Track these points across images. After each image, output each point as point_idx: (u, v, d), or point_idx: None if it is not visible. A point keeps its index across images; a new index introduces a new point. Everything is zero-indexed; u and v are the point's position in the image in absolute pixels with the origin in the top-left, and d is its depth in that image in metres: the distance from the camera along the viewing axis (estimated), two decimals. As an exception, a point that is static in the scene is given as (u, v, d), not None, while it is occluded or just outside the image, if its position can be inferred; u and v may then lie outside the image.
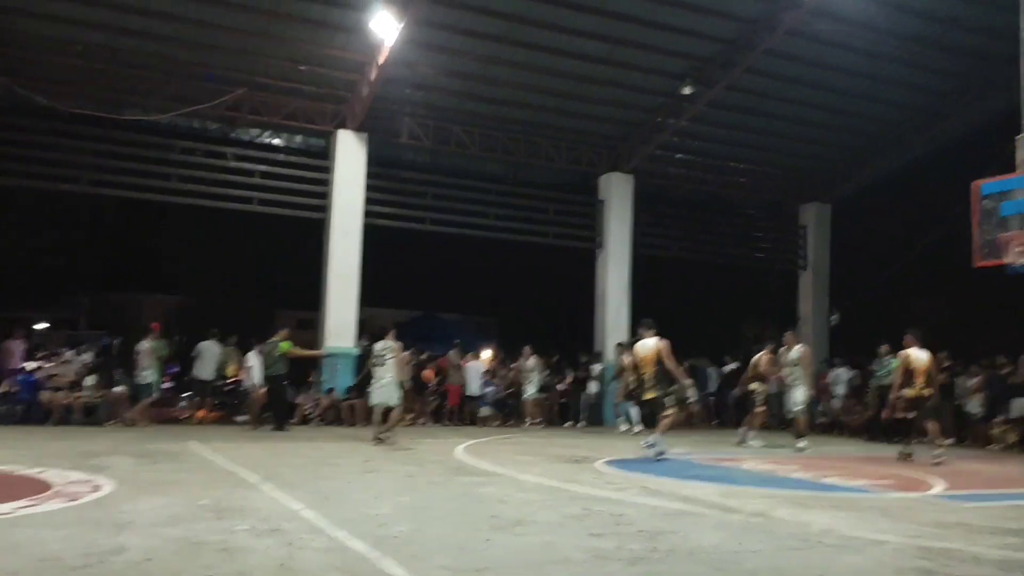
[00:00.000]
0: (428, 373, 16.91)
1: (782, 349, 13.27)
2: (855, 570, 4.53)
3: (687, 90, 16.99)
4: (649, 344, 10.60)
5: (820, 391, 19.33)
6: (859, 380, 17.65)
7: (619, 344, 17.10)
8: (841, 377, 18.02)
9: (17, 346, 15.38)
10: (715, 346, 20.41)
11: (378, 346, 12.27)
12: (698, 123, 18.60)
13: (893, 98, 18.63)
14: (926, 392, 10.87)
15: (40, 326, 25.17)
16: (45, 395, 14.16)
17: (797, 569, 4.50)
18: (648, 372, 10.52)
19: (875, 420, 16.44)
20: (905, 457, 11.10)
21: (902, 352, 11.32)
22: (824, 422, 18.08)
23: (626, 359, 15.70)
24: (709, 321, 23.90)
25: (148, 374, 14.47)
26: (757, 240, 22.40)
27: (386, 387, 11.83)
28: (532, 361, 17.19)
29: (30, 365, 14.84)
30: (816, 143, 20.67)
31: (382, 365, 11.94)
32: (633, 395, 10.79)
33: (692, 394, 19.03)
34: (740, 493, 7.60)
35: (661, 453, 10.27)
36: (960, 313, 20.31)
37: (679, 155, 20.51)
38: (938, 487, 8.51)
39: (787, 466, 10.23)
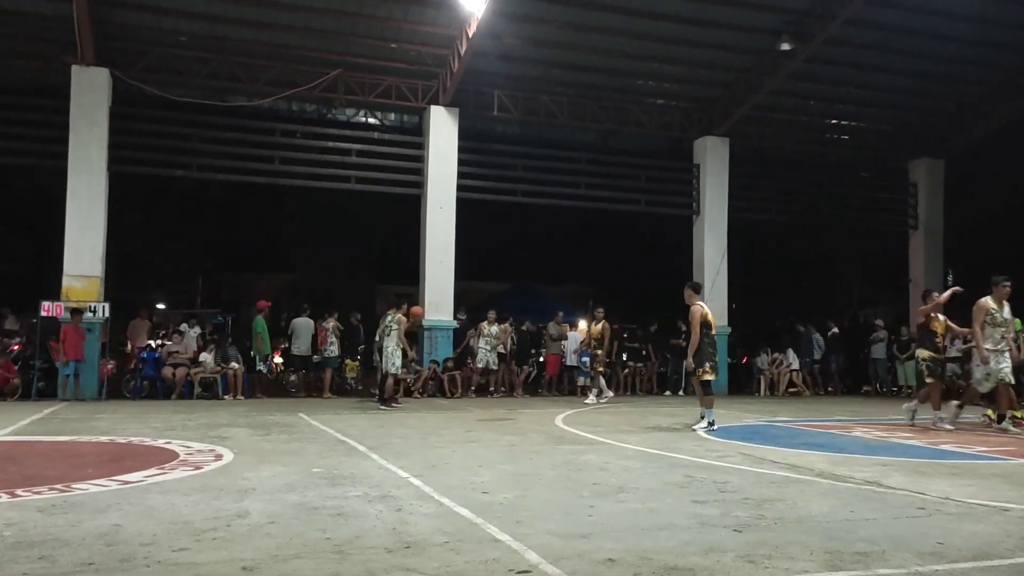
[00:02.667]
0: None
1: (988, 300, 10.12)
2: (978, 539, 4.34)
3: (785, 46, 16.32)
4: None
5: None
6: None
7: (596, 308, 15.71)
8: (956, 343, 17.15)
9: (142, 325, 16.35)
10: (819, 311, 19.77)
11: (387, 318, 12.97)
12: (795, 80, 17.89)
13: (1010, 41, 17.39)
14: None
15: (159, 306, 26.71)
16: (167, 371, 15.06)
17: (915, 537, 4.34)
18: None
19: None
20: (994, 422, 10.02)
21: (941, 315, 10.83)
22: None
23: (595, 327, 15.05)
24: (812, 286, 23.15)
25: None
26: (863, 200, 21.40)
27: (390, 356, 12.86)
28: (495, 328, 16.69)
29: (154, 343, 15.79)
30: (925, 95, 19.54)
31: (388, 335, 12.87)
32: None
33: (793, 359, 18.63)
34: (850, 461, 7.37)
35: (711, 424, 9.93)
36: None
37: (776, 115, 19.79)
38: (1067, 454, 8.04)
39: (899, 433, 9.87)
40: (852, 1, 15.19)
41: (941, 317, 10.90)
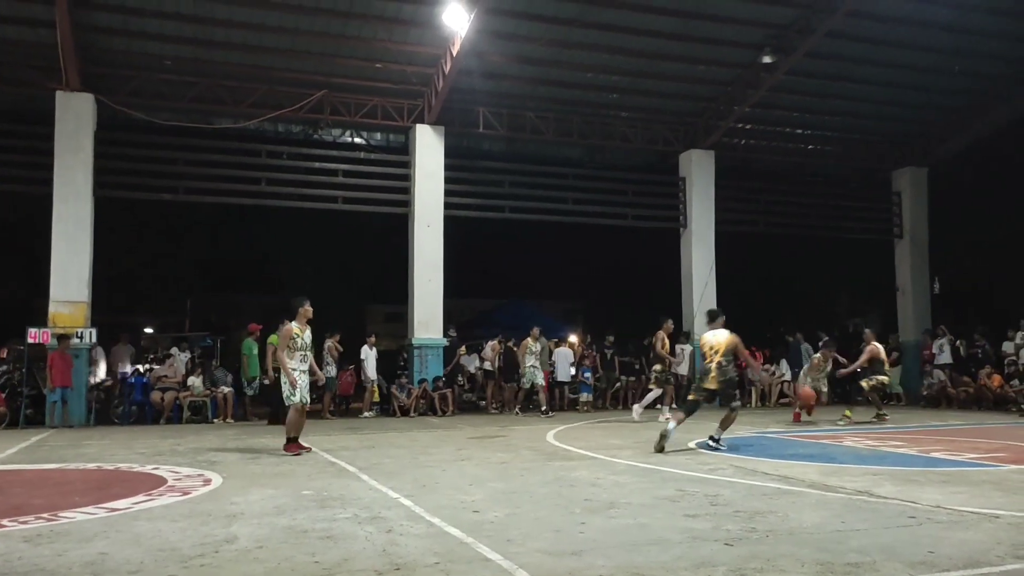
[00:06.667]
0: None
1: None
2: (969, 546, 4.35)
3: (767, 59, 16.47)
4: (721, 335, 9.75)
5: (923, 363, 18.63)
6: (964, 351, 16.92)
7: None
8: (945, 348, 17.30)
9: (124, 350, 16.21)
10: (808, 321, 19.82)
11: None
12: (779, 93, 18.02)
13: (992, 52, 17.60)
14: None
15: (147, 330, 26.55)
16: (155, 395, 14.95)
17: (906, 547, 4.34)
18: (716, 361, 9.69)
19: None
20: None
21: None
22: (929, 394, 17.42)
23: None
24: (801, 296, 23.21)
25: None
26: (848, 210, 21.50)
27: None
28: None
29: (141, 367, 15.66)
30: (908, 105, 19.73)
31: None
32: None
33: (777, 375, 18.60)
34: (841, 471, 7.38)
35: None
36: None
37: (760, 127, 19.94)
38: (1056, 459, 8.07)
39: (890, 442, 9.89)
40: (833, 14, 15.36)
41: None
